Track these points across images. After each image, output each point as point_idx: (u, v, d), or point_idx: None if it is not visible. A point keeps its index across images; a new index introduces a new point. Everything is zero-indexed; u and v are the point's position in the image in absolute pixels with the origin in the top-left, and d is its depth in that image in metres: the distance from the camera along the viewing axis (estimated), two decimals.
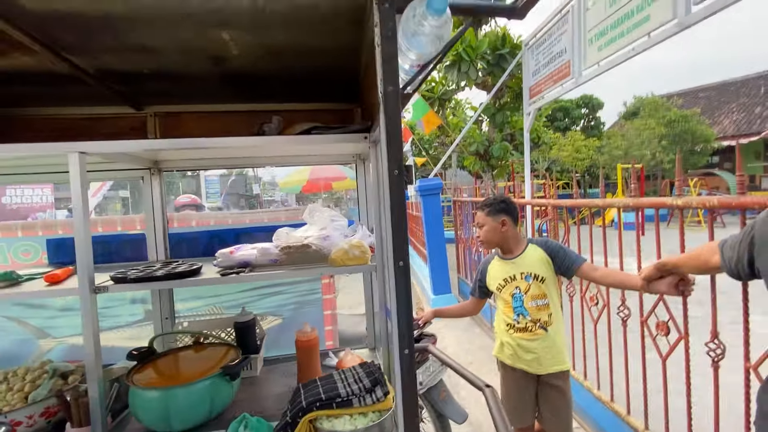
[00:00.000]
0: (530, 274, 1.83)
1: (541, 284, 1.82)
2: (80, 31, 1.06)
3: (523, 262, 1.86)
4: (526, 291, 1.83)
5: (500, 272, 1.91)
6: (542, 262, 1.84)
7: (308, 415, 1.03)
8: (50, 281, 1.31)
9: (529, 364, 1.85)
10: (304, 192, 12.65)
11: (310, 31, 1.11)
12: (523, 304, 1.83)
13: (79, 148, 1.13)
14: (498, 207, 1.87)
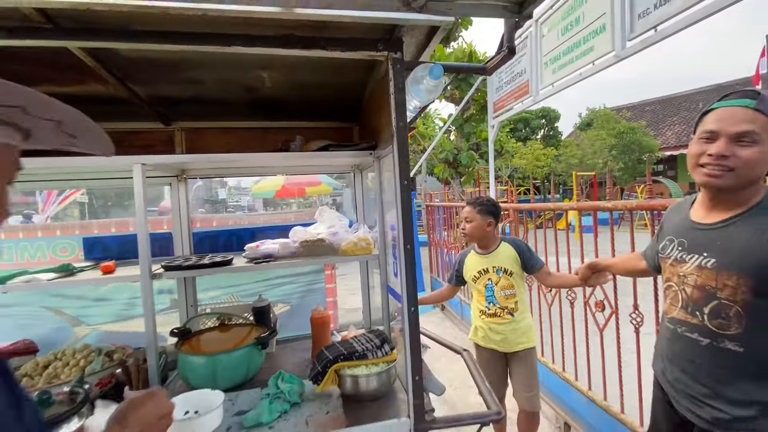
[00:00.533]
0: (501, 268, 2.13)
1: (510, 277, 2.12)
2: (150, 69, 1.35)
3: (496, 258, 2.15)
4: (496, 282, 2.13)
5: (476, 265, 2.20)
6: (512, 259, 2.13)
7: (334, 365, 1.35)
8: (105, 271, 1.55)
9: (498, 344, 2.16)
10: (277, 197, 12.73)
11: (332, 72, 1.44)
12: (493, 293, 2.14)
13: (141, 160, 1.40)
14: (488, 208, 2.13)
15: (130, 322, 2.06)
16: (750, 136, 1.01)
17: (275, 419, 1.26)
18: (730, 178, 1.05)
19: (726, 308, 1.08)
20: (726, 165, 1.04)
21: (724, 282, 1.07)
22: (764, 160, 1.02)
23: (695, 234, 1.16)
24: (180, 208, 1.94)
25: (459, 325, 4.96)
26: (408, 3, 0.97)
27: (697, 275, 1.13)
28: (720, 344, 1.10)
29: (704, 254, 1.12)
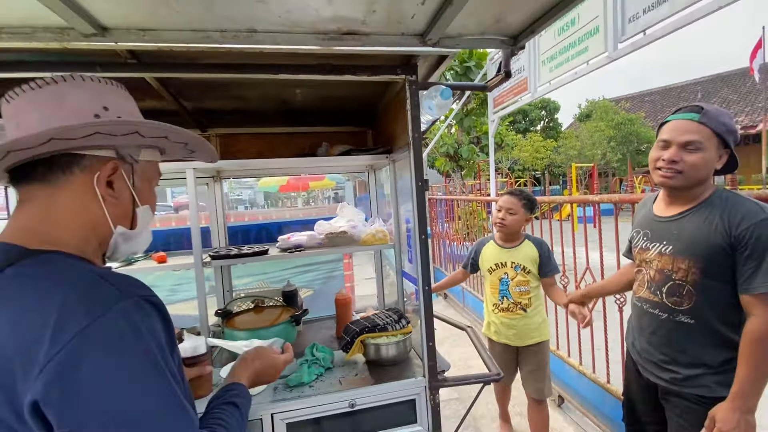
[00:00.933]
0: (519, 265, 2.15)
1: (527, 275, 2.14)
2: (202, 88, 1.59)
3: (517, 254, 2.17)
4: (512, 278, 2.16)
5: (494, 256, 2.22)
6: (532, 259, 2.15)
7: (360, 336, 1.61)
8: (159, 261, 1.81)
9: (510, 339, 2.21)
10: (281, 191, 12.97)
11: (354, 87, 1.68)
12: (508, 288, 2.17)
13: (192, 165, 1.65)
14: (532, 204, 2.15)
15: (173, 305, 2.32)
16: (695, 144, 1.22)
17: (314, 380, 1.53)
18: (680, 180, 1.26)
19: (680, 288, 1.28)
20: (676, 168, 1.25)
21: (678, 265, 1.27)
22: (707, 163, 1.24)
23: (656, 225, 1.38)
24: (216, 205, 2.19)
25: (461, 312, 5.24)
26: (424, 41, 1.21)
27: (657, 260, 1.35)
28: (675, 318, 1.31)
29: (663, 242, 1.33)
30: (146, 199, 0.78)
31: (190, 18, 1.00)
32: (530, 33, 1.24)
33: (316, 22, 1.08)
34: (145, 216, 0.78)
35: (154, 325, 0.60)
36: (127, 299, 0.58)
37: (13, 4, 0.91)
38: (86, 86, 0.69)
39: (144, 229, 0.79)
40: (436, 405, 1.50)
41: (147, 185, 0.78)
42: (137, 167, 0.75)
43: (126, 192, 0.73)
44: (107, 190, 0.70)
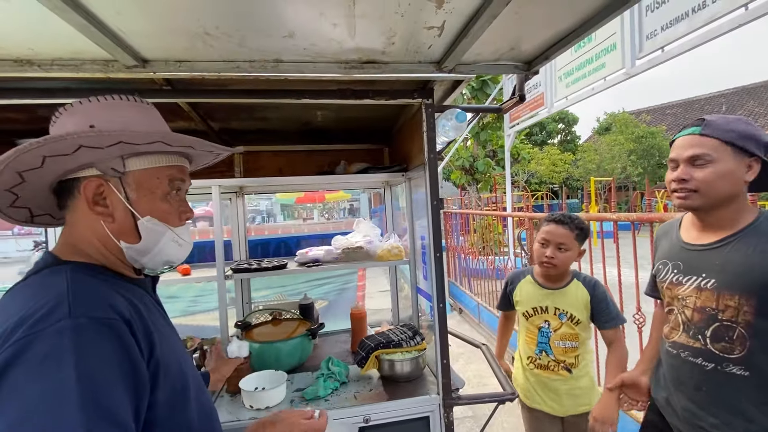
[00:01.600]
0: (566, 312, 1.62)
1: (575, 326, 1.60)
2: (229, 111, 1.68)
3: (562, 298, 1.63)
4: (556, 329, 1.63)
5: (532, 298, 1.69)
6: (582, 304, 1.61)
7: (375, 351, 1.64)
8: (183, 273, 1.89)
9: (549, 406, 1.66)
10: (297, 203, 13.19)
11: (372, 109, 1.74)
12: (549, 341, 1.63)
13: (218, 183, 1.73)
14: (585, 234, 1.61)
15: (195, 316, 2.40)
16: (702, 158, 1.08)
17: (329, 394, 1.56)
18: (696, 199, 1.10)
19: (729, 330, 1.04)
20: (687, 187, 1.11)
21: (726, 303, 1.05)
22: (723, 177, 1.06)
23: (690, 255, 1.17)
24: (238, 220, 2.27)
25: (477, 327, 5.19)
26: (440, 67, 1.26)
27: (695, 297, 1.12)
28: (725, 369, 1.06)
29: (702, 275, 1.11)
30: (150, 209, 0.74)
31: (222, 51, 1.08)
32: (544, 59, 1.28)
33: (339, 53, 1.14)
34: (153, 227, 0.74)
35: (98, 349, 0.57)
36: (69, 320, 0.57)
37: (64, 39, 1.00)
38: (82, 108, 0.72)
39: (157, 241, 0.75)
40: (450, 423, 1.51)
41: (147, 195, 0.74)
42: (127, 179, 0.73)
43: (120, 206, 0.72)
44: (97, 208, 0.71)
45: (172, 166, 0.78)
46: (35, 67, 1.10)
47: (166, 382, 0.67)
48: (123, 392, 0.58)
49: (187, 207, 0.82)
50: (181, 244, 0.80)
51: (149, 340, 0.66)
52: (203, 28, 0.96)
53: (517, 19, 1.03)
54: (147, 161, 0.74)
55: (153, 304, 0.79)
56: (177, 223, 0.79)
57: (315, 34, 1.02)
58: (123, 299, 0.67)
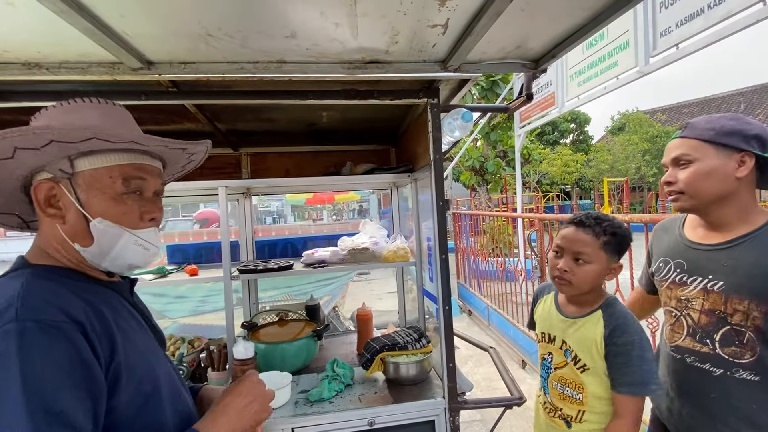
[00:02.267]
0: (571, 350, 1.20)
1: (579, 372, 1.17)
2: (235, 112, 1.69)
3: (573, 331, 1.20)
4: (557, 366, 1.24)
5: (545, 320, 1.32)
6: (593, 347, 1.14)
7: (380, 354, 1.63)
8: (191, 274, 1.90)
9: None
10: (308, 204, 13.28)
11: (377, 109, 1.73)
12: (547, 378, 1.28)
13: (225, 184, 1.73)
14: (621, 242, 1.16)
15: (203, 316, 2.42)
16: (682, 159, 1.08)
17: (334, 396, 1.55)
18: (686, 200, 1.09)
19: (739, 335, 1.00)
20: (674, 189, 1.10)
21: (735, 306, 1.01)
22: (705, 175, 1.04)
23: (696, 255, 1.11)
24: (245, 221, 2.28)
25: (486, 330, 5.14)
26: (445, 67, 1.24)
27: (703, 299, 1.07)
28: (735, 374, 1.02)
29: (709, 276, 1.06)
30: (101, 210, 0.71)
31: (225, 52, 1.08)
32: (551, 57, 1.25)
33: (342, 53, 1.14)
34: (106, 229, 0.70)
35: (45, 352, 0.57)
36: (15, 323, 0.57)
37: (71, 42, 1.01)
38: (47, 114, 0.72)
39: (113, 244, 0.71)
40: (456, 428, 1.48)
41: (98, 195, 0.71)
42: (77, 180, 0.70)
43: (72, 208, 0.70)
44: (50, 210, 0.70)
45: (128, 164, 0.73)
46: (43, 70, 1.12)
47: (130, 386, 0.66)
48: (76, 395, 0.57)
49: (152, 207, 0.76)
50: (147, 248, 0.76)
51: (110, 343, 0.65)
52: (205, 29, 0.96)
53: (523, 16, 1.01)
54: (97, 161, 0.71)
55: (125, 307, 0.77)
56: (137, 224, 0.74)
57: (317, 34, 1.01)
58: (81, 302, 0.65)
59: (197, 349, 1.98)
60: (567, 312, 1.24)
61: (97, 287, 0.74)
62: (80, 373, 0.59)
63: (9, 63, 1.10)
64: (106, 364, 0.63)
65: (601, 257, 1.13)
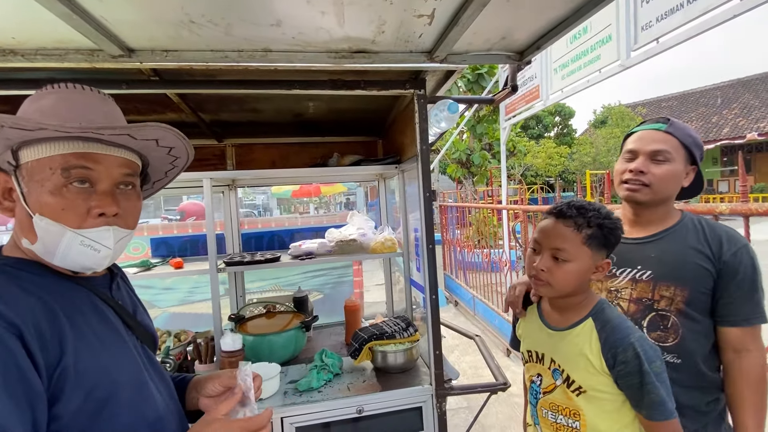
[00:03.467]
0: (561, 371, 1.02)
1: (576, 396, 0.98)
2: (219, 102, 1.66)
3: (561, 345, 1.03)
4: (546, 390, 1.05)
5: (529, 333, 1.16)
6: (588, 364, 0.97)
7: (369, 343, 1.64)
8: (176, 266, 1.88)
9: None
10: (293, 197, 13.16)
11: (364, 100, 1.73)
12: (536, 404, 1.09)
13: (209, 176, 1.71)
14: (608, 235, 0.98)
15: (191, 305, 2.40)
16: (663, 155, 1.10)
17: (322, 385, 1.56)
18: (647, 194, 1.11)
19: (663, 320, 1.09)
20: (642, 180, 1.11)
21: (661, 293, 1.09)
22: (675, 177, 1.11)
23: (624, 248, 1.13)
24: (231, 213, 2.26)
25: (472, 320, 5.22)
26: (431, 57, 1.25)
27: (631, 288, 1.14)
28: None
29: (638, 267, 1.14)
30: (39, 205, 0.65)
31: (209, 40, 1.07)
32: (536, 49, 1.27)
33: (328, 42, 1.13)
34: (46, 227, 0.65)
35: None
36: None
37: (47, 28, 0.98)
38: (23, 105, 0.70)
39: (56, 243, 0.66)
40: (443, 413, 1.52)
41: (36, 188, 0.66)
42: (21, 172, 0.66)
43: (20, 203, 0.67)
44: (6, 203, 0.69)
45: (70, 153, 0.66)
46: (18, 57, 1.08)
47: (78, 391, 0.62)
48: (9, 401, 0.54)
49: (103, 201, 0.68)
50: (97, 249, 0.68)
51: (59, 346, 0.61)
52: (188, 16, 0.94)
53: (508, 7, 1.02)
54: (39, 151, 0.65)
55: (93, 305, 0.72)
56: (82, 222, 0.66)
57: (303, 22, 1.00)
58: (34, 300, 0.62)
59: (183, 342, 1.96)
60: (552, 322, 1.08)
61: (61, 283, 0.69)
62: (12, 378, 0.55)
63: None
64: (50, 369, 0.60)
65: (583, 253, 0.96)
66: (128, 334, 0.77)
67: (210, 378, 0.88)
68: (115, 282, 0.82)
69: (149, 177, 0.86)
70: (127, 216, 0.73)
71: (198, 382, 0.91)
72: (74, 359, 0.62)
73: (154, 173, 0.86)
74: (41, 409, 0.57)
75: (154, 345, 0.87)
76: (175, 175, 0.89)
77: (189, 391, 0.90)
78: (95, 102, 0.73)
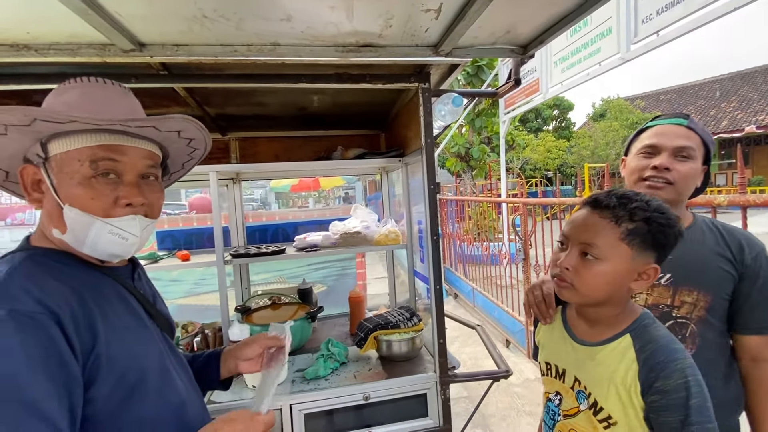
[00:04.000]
0: (588, 394, 0.86)
1: (603, 429, 0.82)
2: (225, 96, 1.67)
3: (590, 365, 0.86)
4: (566, 413, 0.91)
5: (550, 343, 1.00)
6: (622, 390, 0.80)
7: (374, 332, 1.68)
8: (183, 259, 1.91)
9: None
10: (293, 191, 13.13)
11: (368, 93, 1.74)
12: (553, 426, 0.96)
13: (215, 169, 1.73)
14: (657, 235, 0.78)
15: (198, 297, 2.44)
16: (687, 151, 1.04)
17: (329, 374, 1.60)
18: (670, 192, 1.04)
19: (682, 328, 1.01)
20: (667, 178, 1.04)
21: (683, 299, 1.01)
22: (695, 176, 1.06)
23: None
24: (235, 206, 2.28)
25: (471, 311, 5.28)
26: (437, 51, 1.27)
27: (647, 294, 1.06)
28: None
29: None
30: (69, 196, 0.68)
31: (219, 34, 1.08)
32: (539, 43, 1.29)
33: (336, 36, 1.15)
34: (76, 217, 0.68)
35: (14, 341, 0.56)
36: None
37: (61, 23, 1.00)
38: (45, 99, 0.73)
39: (86, 233, 0.68)
40: (447, 400, 1.56)
41: (66, 180, 0.68)
42: (50, 164, 0.69)
43: (48, 194, 0.70)
44: (34, 195, 0.71)
45: (97, 146, 0.69)
46: (32, 51, 1.09)
47: (110, 376, 0.65)
48: (50, 386, 0.56)
49: (130, 192, 0.71)
50: (125, 237, 0.71)
51: (91, 333, 0.64)
52: (201, 11, 0.96)
53: (513, 2, 1.04)
54: (68, 143, 0.68)
55: (119, 294, 0.75)
56: (110, 211, 0.70)
57: (312, 17, 1.02)
58: (67, 289, 0.64)
59: (191, 333, 2.00)
60: (579, 333, 0.90)
61: (89, 273, 0.72)
62: (54, 364, 0.58)
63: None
64: (85, 355, 0.62)
65: (621, 253, 0.78)
66: (150, 323, 0.81)
67: (245, 344, 0.99)
68: (137, 272, 0.85)
69: (168, 168, 0.89)
70: (152, 206, 0.76)
71: (233, 350, 1.00)
72: (106, 346, 0.65)
73: (172, 165, 0.89)
74: (78, 394, 0.60)
75: (173, 333, 0.91)
76: (191, 166, 0.93)
77: (225, 361, 0.98)
78: (118, 95, 0.76)
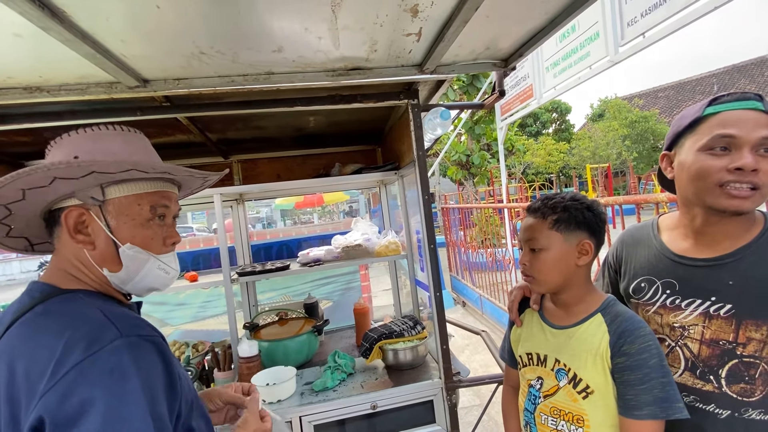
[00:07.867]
0: (567, 370, 0.95)
1: (582, 399, 0.92)
2: (225, 122, 1.76)
3: (569, 343, 0.97)
4: (547, 393, 0.98)
5: (529, 337, 1.08)
6: (596, 359, 0.91)
7: (379, 342, 1.72)
8: (191, 280, 1.97)
9: None
10: (297, 208, 13.27)
11: (362, 112, 1.82)
12: (534, 410, 1.00)
13: (219, 191, 1.81)
14: (577, 217, 0.94)
15: (203, 321, 2.49)
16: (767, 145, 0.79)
17: (337, 385, 1.64)
18: (756, 201, 0.81)
19: (749, 368, 0.83)
20: (755, 183, 0.79)
21: (749, 335, 0.83)
22: None
23: (689, 272, 0.90)
24: (240, 226, 2.35)
25: (480, 319, 5.27)
26: (422, 70, 1.34)
27: (703, 326, 0.88)
28: (744, 415, 0.84)
29: (711, 299, 0.86)
30: (130, 236, 0.75)
31: (217, 68, 1.16)
32: (519, 56, 1.36)
33: (326, 62, 1.22)
34: (135, 255, 0.75)
35: (150, 363, 0.64)
36: (123, 338, 0.62)
37: (72, 66, 1.08)
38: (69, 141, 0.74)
39: (140, 269, 0.75)
40: (453, 405, 1.58)
41: (128, 222, 0.75)
42: (107, 207, 0.74)
43: (101, 234, 0.73)
44: (79, 236, 0.73)
45: (154, 192, 0.78)
46: (44, 93, 1.18)
47: (184, 395, 0.70)
48: (165, 402, 0.64)
49: (172, 233, 0.82)
50: (168, 272, 0.81)
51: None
52: (199, 48, 1.04)
53: (488, 22, 1.11)
54: (127, 189, 0.75)
55: None
56: (161, 249, 0.79)
57: (302, 47, 1.10)
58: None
59: (202, 352, 2.05)
60: (556, 321, 1.02)
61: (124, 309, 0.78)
62: (169, 383, 0.66)
63: (11, 88, 1.16)
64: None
65: (554, 239, 0.95)
66: None
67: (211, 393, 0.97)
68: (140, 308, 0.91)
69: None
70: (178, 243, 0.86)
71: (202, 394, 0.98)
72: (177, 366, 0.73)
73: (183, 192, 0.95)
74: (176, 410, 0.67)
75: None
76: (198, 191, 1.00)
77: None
78: (147, 144, 0.84)
